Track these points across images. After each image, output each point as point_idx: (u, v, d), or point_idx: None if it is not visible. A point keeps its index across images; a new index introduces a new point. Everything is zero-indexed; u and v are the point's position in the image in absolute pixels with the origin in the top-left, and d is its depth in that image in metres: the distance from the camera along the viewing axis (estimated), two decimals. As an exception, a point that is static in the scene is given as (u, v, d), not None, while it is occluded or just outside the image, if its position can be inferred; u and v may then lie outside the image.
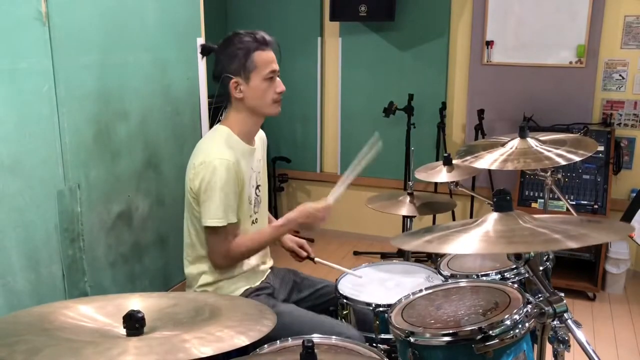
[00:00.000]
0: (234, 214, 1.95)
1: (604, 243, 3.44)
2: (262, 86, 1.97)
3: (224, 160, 1.90)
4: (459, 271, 1.96)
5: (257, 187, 2.10)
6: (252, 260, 2.09)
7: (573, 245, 1.15)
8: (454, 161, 2.40)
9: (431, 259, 3.69)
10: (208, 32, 3.28)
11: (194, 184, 1.92)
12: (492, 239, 1.25)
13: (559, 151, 1.89)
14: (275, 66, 1.99)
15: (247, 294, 2.04)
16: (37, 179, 2.30)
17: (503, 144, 2.00)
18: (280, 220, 2.04)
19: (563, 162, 1.84)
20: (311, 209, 2.01)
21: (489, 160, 1.92)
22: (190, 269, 2.07)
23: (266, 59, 1.97)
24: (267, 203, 2.21)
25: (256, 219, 2.10)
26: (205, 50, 2.08)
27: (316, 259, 2.23)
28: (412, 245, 1.34)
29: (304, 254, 2.25)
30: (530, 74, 3.83)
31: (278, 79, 2.02)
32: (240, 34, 1.98)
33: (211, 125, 2.10)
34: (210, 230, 1.94)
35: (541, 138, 2.02)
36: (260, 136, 2.17)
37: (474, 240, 1.26)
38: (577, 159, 1.84)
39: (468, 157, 1.98)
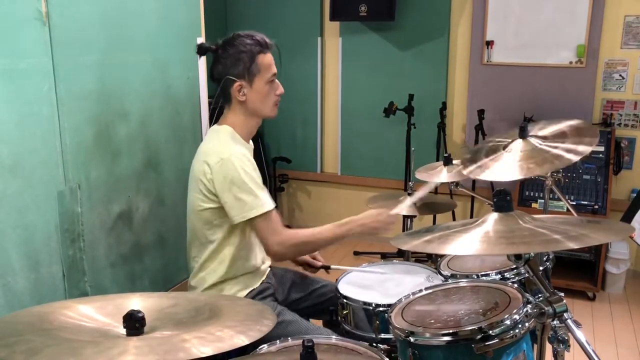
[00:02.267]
0: (271, 200, 1.94)
1: (604, 243, 3.44)
2: (264, 89, 1.98)
3: (240, 154, 1.91)
4: (459, 271, 1.96)
5: None
6: (257, 260, 2.09)
7: (573, 245, 1.15)
8: (453, 161, 2.40)
9: (431, 259, 3.69)
10: (208, 32, 3.28)
11: (215, 185, 1.90)
12: (492, 240, 1.25)
13: (565, 145, 1.79)
14: (275, 69, 2.01)
15: (252, 298, 2.04)
16: (37, 179, 2.30)
17: (505, 147, 1.94)
18: (344, 220, 2.02)
19: (575, 159, 1.73)
20: (375, 212, 2.03)
21: (496, 171, 1.84)
22: (195, 277, 2.05)
23: (268, 62, 1.98)
24: None
25: None
26: (202, 50, 2.06)
27: (332, 266, 2.23)
28: (412, 245, 1.34)
29: (319, 263, 2.25)
30: (530, 74, 3.83)
31: (277, 81, 2.03)
32: (242, 36, 1.97)
33: (211, 125, 2.09)
34: (259, 220, 1.90)
35: (540, 134, 1.97)
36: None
37: (474, 240, 1.26)
38: (587, 148, 1.73)
39: (472, 167, 1.92)
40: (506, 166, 1.85)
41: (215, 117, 2.09)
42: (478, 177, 1.90)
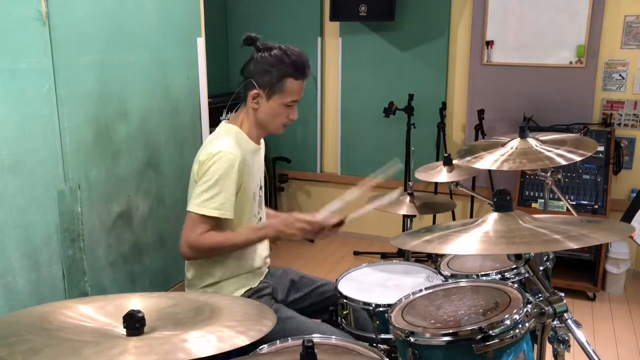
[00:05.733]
0: (231, 211, 1.90)
1: (603, 243, 3.44)
2: (278, 110, 1.97)
3: (229, 154, 1.89)
4: (459, 271, 1.96)
5: (260, 187, 2.11)
6: (257, 261, 2.09)
7: (573, 245, 1.15)
8: (454, 161, 2.40)
9: (431, 259, 3.69)
10: (208, 32, 3.28)
11: (198, 176, 1.91)
12: (492, 240, 1.25)
13: (559, 151, 1.89)
14: (298, 96, 1.98)
15: (248, 296, 2.04)
16: (37, 179, 2.30)
17: (503, 144, 2.00)
18: (260, 224, 2.03)
19: (563, 162, 1.84)
20: (294, 219, 1.94)
21: (489, 161, 1.92)
22: (192, 271, 2.06)
23: (295, 89, 1.96)
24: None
25: (260, 217, 2.10)
26: (248, 40, 1.98)
27: (349, 217, 2.05)
28: (412, 245, 1.34)
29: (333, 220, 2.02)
30: (530, 74, 3.83)
31: (295, 106, 2.01)
32: (284, 52, 1.94)
33: (211, 125, 2.09)
34: (196, 217, 1.87)
35: (541, 138, 2.02)
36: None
37: (474, 240, 1.26)
38: (577, 158, 1.84)
39: (468, 157, 1.98)
40: (498, 158, 1.92)
41: (214, 116, 2.09)
42: (471, 165, 1.96)
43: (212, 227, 1.89)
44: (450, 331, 1.37)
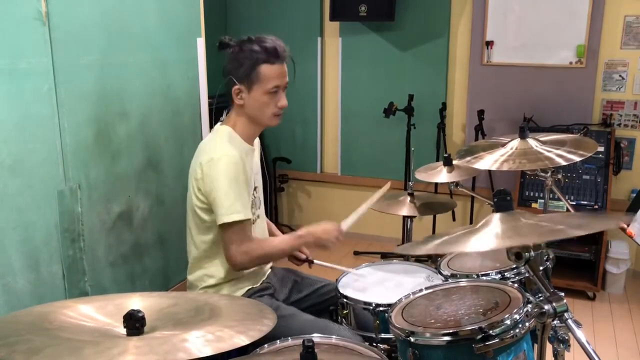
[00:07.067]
0: (249, 210, 1.93)
1: (604, 242, 3.44)
2: (262, 99, 1.95)
3: (230, 157, 1.89)
4: (459, 271, 1.96)
5: (255, 188, 2.10)
6: None
7: (577, 233, 1.16)
8: (454, 161, 2.40)
9: (431, 259, 3.69)
10: (208, 32, 3.28)
11: (204, 183, 1.91)
12: (500, 235, 1.24)
13: (559, 151, 1.89)
14: (280, 81, 1.95)
15: (249, 295, 2.04)
16: (37, 179, 2.30)
17: (503, 145, 2.01)
18: (301, 231, 2.04)
19: (563, 163, 1.84)
20: (336, 231, 2.01)
21: (489, 161, 1.92)
22: (193, 273, 2.06)
23: (272, 73, 1.93)
24: (264, 206, 2.21)
25: (255, 219, 2.10)
26: (222, 45, 2.00)
27: (315, 261, 2.22)
28: (423, 250, 1.35)
29: (303, 256, 2.22)
30: (530, 74, 3.83)
31: (282, 93, 1.98)
32: (253, 40, 1.94)
33: (211, 125, 2.10)
34: (228, 227, 1.89)
35: (541, 139, 2.02)
36: (255, 140, 2.17)
37: (482, 238, 1.25)
38: (577, 159, 1.84)
39: (468, 158, 1.98)
40: (498, 158, 1.93)
41: (215, 116, 2.09)
42: (471, 166, 1.97)
43: (249, 229, 1.94)
44: (451, 331, 1.37)
